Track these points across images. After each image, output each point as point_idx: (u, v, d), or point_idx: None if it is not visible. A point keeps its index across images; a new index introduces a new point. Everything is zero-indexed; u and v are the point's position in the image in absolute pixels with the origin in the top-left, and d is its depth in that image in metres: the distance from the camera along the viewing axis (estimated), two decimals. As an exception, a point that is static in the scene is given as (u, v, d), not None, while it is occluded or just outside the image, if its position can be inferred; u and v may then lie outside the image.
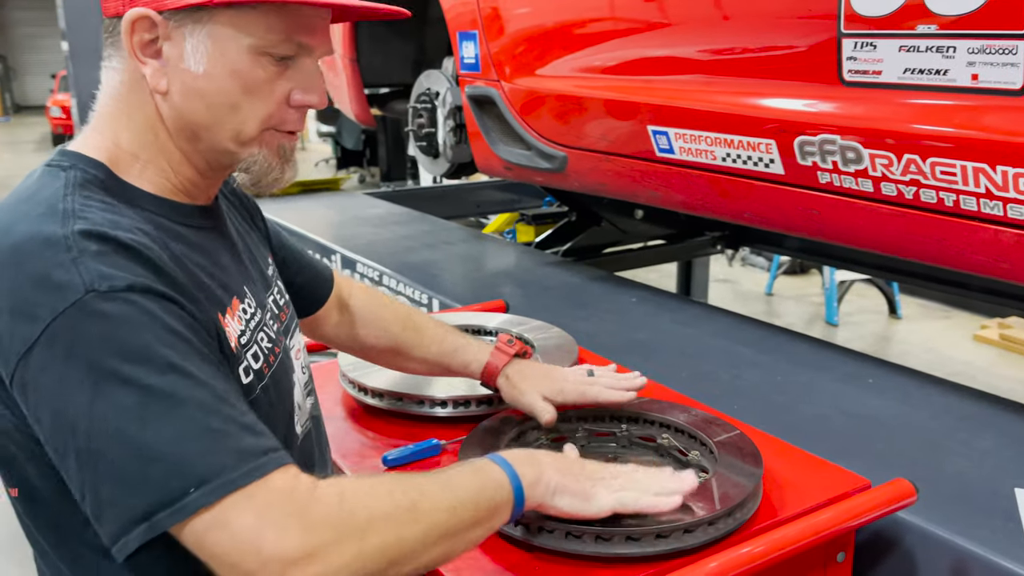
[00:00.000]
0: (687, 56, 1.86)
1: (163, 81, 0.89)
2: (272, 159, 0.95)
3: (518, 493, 0.92)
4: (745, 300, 5.85)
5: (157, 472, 0.75)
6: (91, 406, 0.75)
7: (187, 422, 0.76)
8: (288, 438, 1.03)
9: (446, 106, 2.86)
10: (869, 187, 1.53)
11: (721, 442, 1.19)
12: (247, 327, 0.96)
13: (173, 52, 0.88)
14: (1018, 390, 4.21)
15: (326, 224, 3.45)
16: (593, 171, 2.27)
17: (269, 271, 1.13)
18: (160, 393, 0.76)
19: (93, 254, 0.79)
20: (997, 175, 1.33)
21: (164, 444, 0.75)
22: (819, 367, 1.84)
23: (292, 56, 0.92)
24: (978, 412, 1.60)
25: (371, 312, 1.35)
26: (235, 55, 0.88)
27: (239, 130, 0.92)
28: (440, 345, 1.33)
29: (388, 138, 9.21)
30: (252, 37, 0.88)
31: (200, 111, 0.90)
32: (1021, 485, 1.30)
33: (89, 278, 0.77)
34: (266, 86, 0.91)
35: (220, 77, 0.89)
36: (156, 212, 0.91)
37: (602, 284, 2.52)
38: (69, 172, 0.87)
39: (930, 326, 5.30)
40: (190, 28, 0.87)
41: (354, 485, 0.82)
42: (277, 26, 0.89)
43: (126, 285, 0.78)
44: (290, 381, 1.05)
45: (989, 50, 1.29)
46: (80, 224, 0.80)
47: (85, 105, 5.28)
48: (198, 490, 0.74)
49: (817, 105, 1.58)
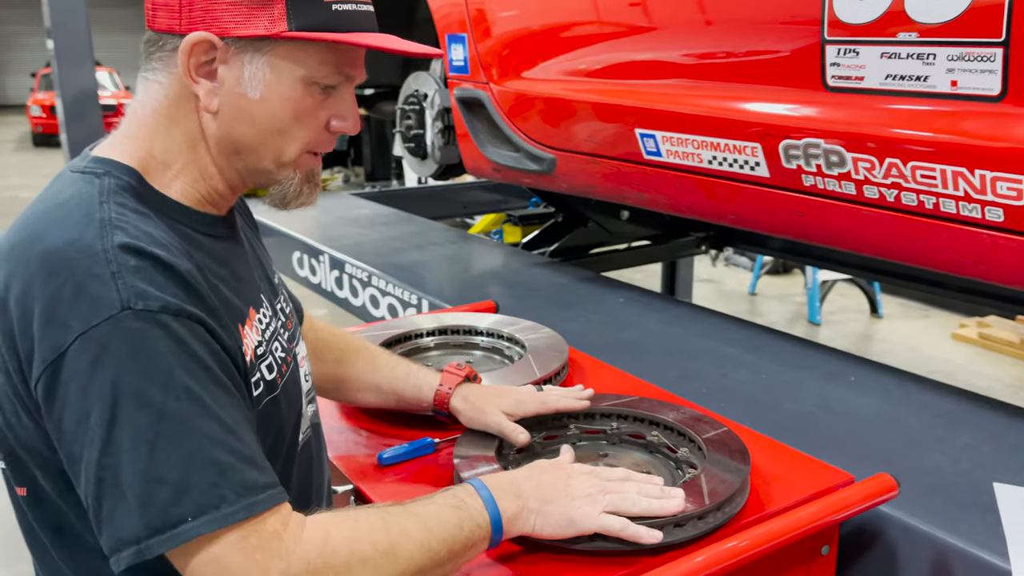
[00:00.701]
0: (675, 60, 1.89)
1: (215, 101, 0.92)
2: (303, 182, 1.00)
3: (496, 530, 0.96)
4: (729, 300, 5.90)
5: (159, 496, 0.77)
6: (108, 421, 0.78)
7: (195, 451, 0.79)
8: (293, 444, 1.05)
9: (434, 108, 2.88)
10: (852, 190, 1.57)
11: (709, 439, 1.22)
12: (263, 337, 0.98)
13: (230, 76, 0.92)
14: (996, 387, 4.28)
15: (313, 224, 3.46)
16: (581, 173, 2.30)
17: (275, 279, 1.15)
18: (174, 419, 0.79)
19: (132, 269, 0.81)
20: (975, 179, 1.37)
21: (169, 469, 0.78)
22: (803, 366, 1.88)
23: (336, 86, 0.97)
24: (957, 409, 1.64)
25: (324, 341, 1.34)
26: (290, 84, 0.93)
27: (281, 152, 0.96)
28: (393, 370, 1.35)
29: (372, 138, 9.20)
30: (306, 68, 0.93)
31: (249, 134, 0.94)
32: (999, 480, 1.33)
33: (127, 295, 0.79)
34: (312, 113, 0.96)
35: (274, 103, 0.93)
36: (180, 221, 0.93)
37: (589, 284, 2.55)
38: (104, 179, 0.89)
39: (910, 325, 5.37)
40: (250, 56, 0.91)
41: (338, 528, 0.86)
42: (330, 59, 0.94)
43: (160, 306, 0.81)
44: (300, 390, 1.07)
45: (968, 57, 1.33)
46: (119, 236, 0.82)
47: (70, 104, 5.25)
48: (195, 520, 0.77)
49: (802, 110, 1.62)
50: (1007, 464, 1.40)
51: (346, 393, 1.37)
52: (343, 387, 1.35)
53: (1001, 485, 1.31)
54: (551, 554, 1.02)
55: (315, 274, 3.08)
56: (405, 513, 0.91)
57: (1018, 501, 1.27)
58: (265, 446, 0.97)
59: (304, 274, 3.17)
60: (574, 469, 1.07)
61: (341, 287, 2.88)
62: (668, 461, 1.26)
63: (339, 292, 2.90)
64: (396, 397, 1.35)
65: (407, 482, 1.23)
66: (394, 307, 2.54)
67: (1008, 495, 1.29)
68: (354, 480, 1.22)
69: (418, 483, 1.23)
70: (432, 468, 1.26)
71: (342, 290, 2.88)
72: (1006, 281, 1.46)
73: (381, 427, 1.39)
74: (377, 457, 1.27)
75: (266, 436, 0.97)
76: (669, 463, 1.25)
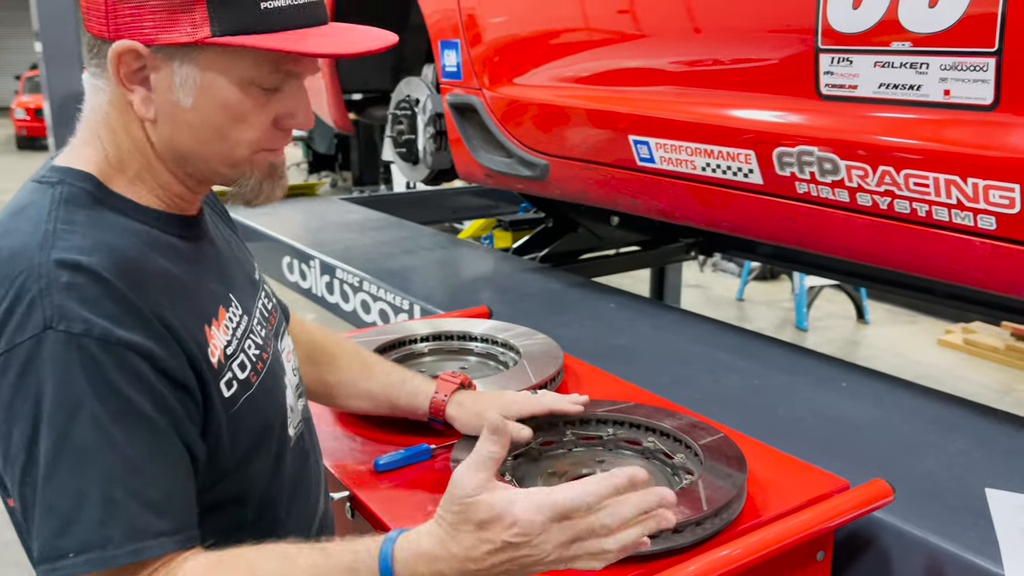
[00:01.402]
0: (669, 68, 1.90)
1: (151, 109, 0.89)
2: (263, 179, 0.96)
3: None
4: (716, 305, 5.92)
5: (48, 524, 0.76)
6: (32, 441, 0.77)
7: (90, 485, 0.77)
8: (282, 441, 1.04)
9: (426, 113, 2.88)
10: (845, 197, 1.58)
11: (706, 445, 1.23)
12: (233, 336, 0.96)
13: (161, 83, 0.88)
14: (981, 393, 4.32)
15: (303, 229, 3.45)
16: (574, 179, 2.31)
17: (256, 275, 1.13)
18: (76, 448, 0.77)
19: (63, 286, 0.79)
20: (968, 187, 1.38)
21: (62, 499, 0.77)
22: (794, 371, 1.89)
23: (279, 84, 0.92)
24: (948, 415, 1.65)
25: (317, 344, 1.33)
26: (224, 89, 0.88)
27: (229, 155, 0.93)
28: (388, 376, 1.33)
29: (360, 143, 9.18)
30: (241, 71, 0.88)
31: (188, 141, 0.91)
32: (991, 485, 1.34)
33: (50, 314, 0.78)
34: (254, 114, 0.91)
35: (209, 109, 0.89)
36: (144, 222, 0.91)
37: (581, 290, 2.55)
38: (57, 188, 0.87)
39: (897, 331, 5.41)
40: (178, 63, 0.87)
41: None
42: (266, 60, 0.89)
43: (83, 330, 0.78)
44: (281, 385, 1.06)
45: (961, 67, 1.34)
46: (56, 251, 0.81)
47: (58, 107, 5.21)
48: (76, 556, 0.75)
49: (795, 117, 1.63)
50: (999, 470, 1.41)
51: (339, 399, 1.35)
52: (336, 392, 1.34)
53: (993, 491, 1.32)
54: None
55: (305, 279, 3.07)
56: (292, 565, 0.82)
57: (1010, 506, 1.28)
58: (250, 443, 0.96)
59: (294, 279, 3.16)
60: (525, 525, 0.79)
61: (332, 292, 2.87)
62: (665, 467, 1.26)
63: (330, 297, 2.89)
64: (390, 404, 1.34)
65: (403, 488, 1.23)
66: (385, 312, 2.54)
67: (1000, 500, 1.30)
68: (350, 487, 1.22)
69: (414, 489, 1.22)
70: (428, 474, 1.26)
71: (332, 295, 2.87)
72: (998, 288, 1.47)
73: (376, 433, 1.38)
74: (373, 463, 1.27)
75: (250, 433, 0.96)
76: (666, 469, 1.26)
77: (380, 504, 1.17)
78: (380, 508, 1.16)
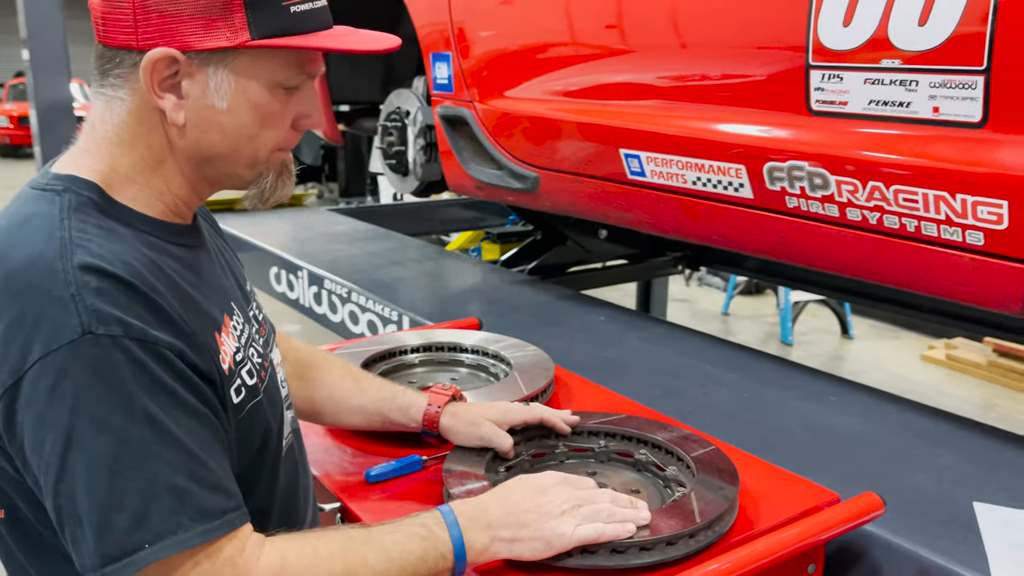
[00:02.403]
0: (661, 83, 1.92)
1: (181, 115, 0.91)
2: (277, 177, 1.00)
3: (459, 562, 0.95)
4: (702, 319, 5.94)
5: (118, 523, 0.78)
6: (64, 447, 0.78)
7: (154, 477, 0.79)
8: (278, 449, 1.04)
9: (416, 125, 2.88)
10: (835, 212, 1.60)
11: (698, 458, 1.23)
12: (240, 343, 0.98)
13: (194, 89, 0.91)
14: (963, 408, 4.35)
15: (291, 240, 3.44)
16: (565, 192, 2.31)
17: (247, 286, 1.14)
18: (133, 445, 0.79)
19: (93, 291, 0.80)
20: (956, 203, 1.40)
21: (128, 496, 0.78)
22: (783, 385, 1.89)
23: (299, 84, 0.97)
24: (936, 429, 1.66)
25: (305, 362, 1.34)
26: (256, 91, 0.93)
27: (253, 156, 0.96)
28: (379, 391, 1.34)
29: (347, 154, 9.17)
30: (271, 73, 0.93)
31: (219, 143, 0.94)
32: (979, 499, 1.35)
33: (88, 319, 0.78)
34: (279, 116, 0.96)
35: (241, 112, 0.93)
36: (149, 232, 0.92)
37: (570, 302, 2.56)
38: (64, 196, 0.88)
39: (880, 346, 5.44)
40: (213, 68, 0.90)
41: (296, 555, 0.87)
42: (293, 62, 0.94)
43: (122, 332, 0.79)
44: (279, 393, 1.07)
45: (950, 84, 1.36)
46: (80, 256, 0.81)
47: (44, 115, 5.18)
48: (152, 546, 0.78)
49: (786, 133, 1.64)
50: (987, 483, 1.42)
51: (328, 416, 1.35)
52: (325, 409, 1.34)
53: (981, 504, 1.33)
54: (537, 573, 1.02)
55: (293, 290, 3.06)
56: (367, 540, 0.91)
57: (998, 520, 1.29)
58: (252, 451, 0.98)
59: (282, 289, 3.14)
60: (546, 482, 1.05)
61: (320, 303, 2.86)
62: (657, 480, 1.26)
63: (317, 308, 2.88)
64: (382, 419, 1.33)
65: (395, 499, 1.22)
66: (374, 323, 2.53)
67: (988, 514, 1.31)
68: (341, 498, 1.21)
69: (406, 500, 1.22)
70: (420, 486, 1.26)
71: (320, 306, 2.86)
72: (986, 304, 1.49)
73: (367, 445, 1.38)
74: (364, 474, 1.26)
75: (252, 441, 0.97)
76: (658, 482, 1.26)
77: (371, 515, 1.16)
78: (371, 519, 1.15)
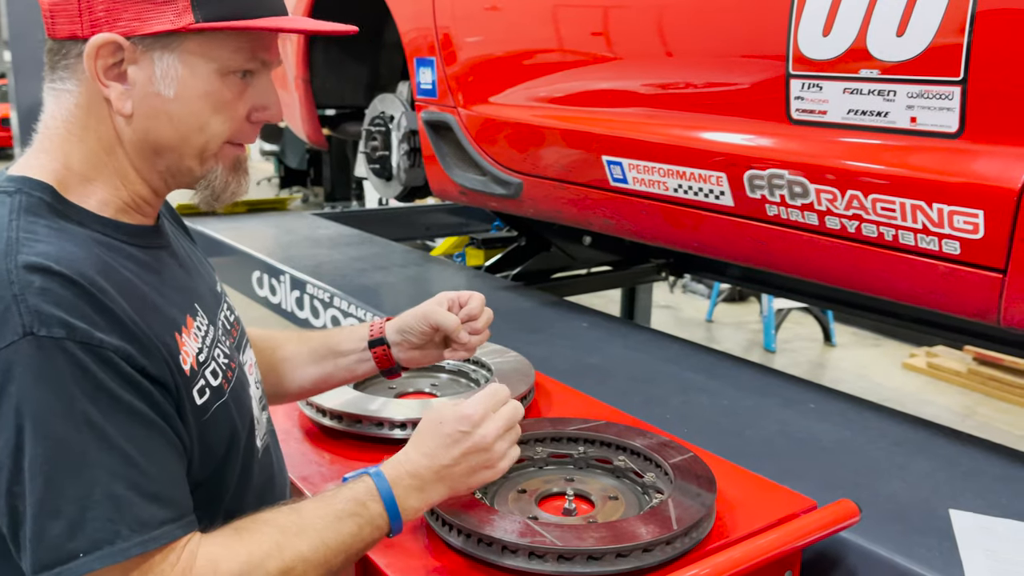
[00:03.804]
0: (643, 90, 1.92)
1: (128, 104, 0.90)
2: (229, 173, 0.98)
3: (396, 529, 0.97)
4: (686, 326, 5.96)
5: (52, 530, 0.76)
6: (15, 449, 0.76)
7: (91, 484, 0.77)
8: (250, 451, 1.04)
9: (400, 130, 2.88)
10: (815, 220, 1.61)
11: (676, 464, 1.23)
12: (204, 344, 0.96)
13: (141, 76, 0.89)
14: (944, 415, 4.38)
15: (274, 244, 3.42)
16: (548, 198, 2.32)
17: (218, 287, 1.13)
18: (72, 451, 0.77)
19: (36, 291, 0.78)
20: (933, 212, 1.41)
21: (65, 503, 0.77)
22: (763, 393, 1.90)
23: (253, 72, 0.95)
24: (913, 436, 1.67)
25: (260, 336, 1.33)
26: (205, 77, 0.91)
27: (204, 147, 0.94)
28: (324, 334, 1.35)
29: (333, 158, 9.16)
30: (220, 59, 0.91)
31: (168, 133, 0.92)
32: (955, 506, 1.36)
33: (29, 320, 0.77)
34: (232, 105, 0.94)
35: (190, 100, 0.91)
36: (104, 232, 0.90)
37: (553, 309, 2.56)
38: (15, 197, 0.87)
39: (862, 354, 5.48)
40: (159, 53, 0.88)
41: (229, 561, 0.85)
42: (244, 47, 0.92)
43: (65, 334, 0.78)
44: (248, 396, 1.06)
45: (927, 95, 1.37)
46: (24, 256, 0.80)
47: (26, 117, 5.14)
48: (87, 556, 0.76)
49: (766, 141, 1.65)
50: (962, 491, 1.43)
51: (288, 376, 1.32)
52: (285, 369, 1.32)
53: (957, 512, 1.34)
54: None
55: (275, 294, 3.04)
56: (301, 530, 0.90)
57: (974, 527, 1.30)
58: (219, 452, 0.97)
59: (264, 294, 3.13)
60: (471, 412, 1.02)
61: (302, 307, 2.85)
62: (635, 486, 1.26)
63: (299, 313, 2.87)
64: (332, 353, 1.32)
65: (372, 506, 1.21)
66: (356, 328, 2.52)
67: (964, 522, 1.32)
68: (319, 503, 1.20)
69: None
70: (398, 492, 1.25)
71: (303, 311, 2.85)
72: (961, 312, 1.50)
73: (345, 451, 1.38)
74: (341, 480, 1.25)
75: (219, 442, 0.96)
76: (636, 488, 1.26)
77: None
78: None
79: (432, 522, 1.10)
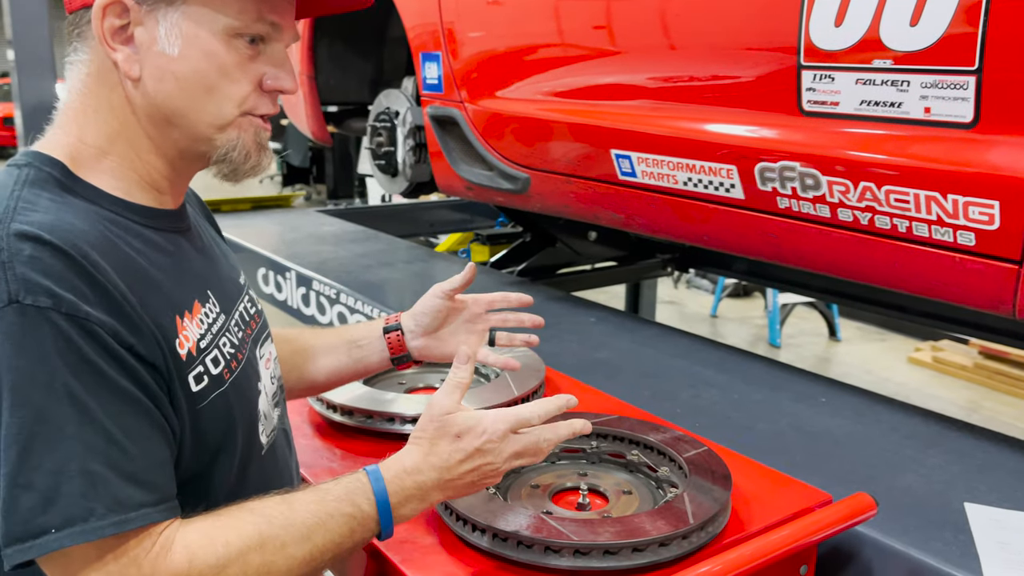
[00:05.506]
0: (652, 83, 1.91)
1: (135, 67, 0.89)
2: (250, 146, 0.96)
3: (388, 534, 0.93)
4: (690, 322, 5.95)
5: (24, 502, 0.75)
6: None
7: (68, 459, 0.75)
8: (250, 447, 1.02)
9: (406, 125, 2.87)
10: (827, 212, 1.60)
11: (690, 459, 1.22)
12: (208, 330, 0.95)
13: (146, 37, 0.89)
14: (949, 410, 4.35)
15: (280, 241, 3.42)
16: (555, 193, 2.31)
17: (241, 279, 1.12)
18: (51, 423, 0.75)
19: (25, 259, 0.77)
20: (948, 203, 1.40)
21: (39, 475, 0.75)
22: (773, 386, 1.89)
23: (263, 37, 0.94)
24: (926, 430, 1.66)
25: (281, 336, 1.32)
26: (209, 37, 0.90)
27: (216, 114, 0.93)
28: (337, 329, 1.35)
29: (335, 156, 9.15)
30: (225, 18, 0.90)
31: (175, 95, 0.91)
32: (970, 499, 1.35)
33: (15, 287, 0.76)
34: (240, 68, 0.92)
35: (195, 59, 0.90)
36: (113, 211, 0.90)
37: (560, 304, 2.55)
38: (23, 170, 0.87)
39: (867, 348, 5.47)
40: (163, 11, 0.88)
41: (206, 551, 0.82)
42: (250, 6, 0.91)
43: (51, 304, 0.76)
44: (255, 390, 1.04)
45: (941, 85, 1.36)
46: (17, 224, 0.79)
47: (30, 116, 5.14)
48: (59, 532, 0.74)
49: (777, 133, 1.64)
50: (977, 484, 1.42)
51: (308, 367, 1.31)
52: (303, 362, 1.31)
53: (972, 505, 1.33)
54: (529, 572, 1.01)
55: (281, 291, 3.04)
56: (288, 525, 0.86)
57: (989, 520, 1.29)
58: (215, 443, 0.95)
59: (269, 291, 3.12)
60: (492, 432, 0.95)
61: (308, 304, 2.84)
62: (649, 481, 1.26)
63: (306, 309, 2.87)
64: (349, 342, 1.31)
65: (385, 501, 1.21)
66: (363, 325, 2.51)
67: (979, 515, 1.31)
68: (331, 499, 1.20)
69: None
70: (410, 487, 1.24)
71: (309, 307, 2.84)
72: (975, 304, 1.49)
73: (357, 445, 1.37)
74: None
75: (214, 432, 0.94)
76: (650, 483, 1.25)
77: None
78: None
79: (446, 517, 1.10)
